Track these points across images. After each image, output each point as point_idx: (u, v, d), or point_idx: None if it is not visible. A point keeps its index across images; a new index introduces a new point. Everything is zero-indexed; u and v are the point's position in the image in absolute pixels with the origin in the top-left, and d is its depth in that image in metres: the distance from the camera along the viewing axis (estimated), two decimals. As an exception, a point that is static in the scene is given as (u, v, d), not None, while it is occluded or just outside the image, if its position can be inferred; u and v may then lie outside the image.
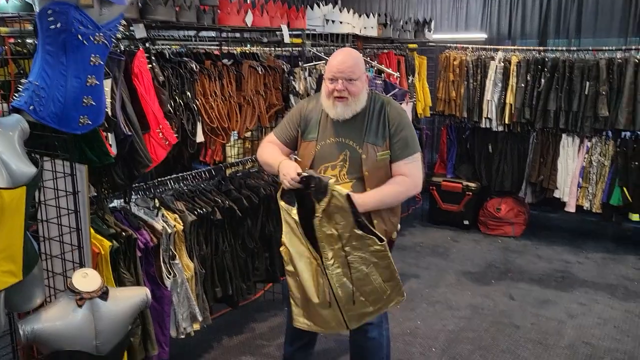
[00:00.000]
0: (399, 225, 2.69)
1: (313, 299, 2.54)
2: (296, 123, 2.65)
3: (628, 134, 5.03)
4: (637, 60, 4.78)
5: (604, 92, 4.90)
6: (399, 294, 2.55)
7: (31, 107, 1.96)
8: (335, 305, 2.52)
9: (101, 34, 2.02)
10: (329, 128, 2.56)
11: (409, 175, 2.51)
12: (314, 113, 2.61)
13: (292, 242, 2.56)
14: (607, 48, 5.10)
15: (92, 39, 1.99)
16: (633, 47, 5.12)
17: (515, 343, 3.58)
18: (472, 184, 5.72)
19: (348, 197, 2.38)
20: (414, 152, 2.52)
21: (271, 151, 2.67)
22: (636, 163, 4.91)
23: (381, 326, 2.74)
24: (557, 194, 5.30)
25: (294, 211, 2.49)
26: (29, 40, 2.42)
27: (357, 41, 4.93)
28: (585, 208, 5.20)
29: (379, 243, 2.42)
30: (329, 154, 2.54)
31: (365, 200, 2.44)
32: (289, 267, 2.60)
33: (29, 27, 2.31)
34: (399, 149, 2.50)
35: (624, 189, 4.95)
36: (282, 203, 2.53)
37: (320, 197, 2.38)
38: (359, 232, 2.41)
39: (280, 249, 2.63)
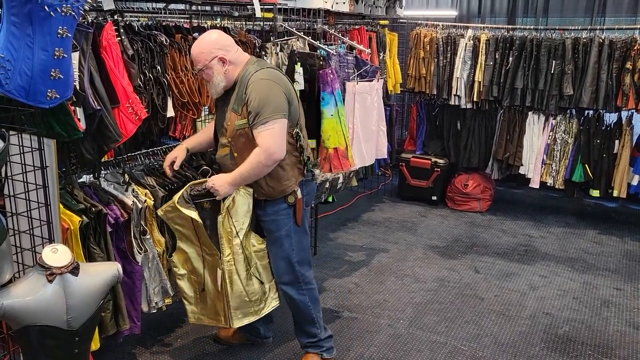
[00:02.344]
0: (296, 189, 2.79)
1: (212, 288, 2.87)
2: None
3: (591, 112, 5.18)
4: (601, 40, 4.90)
5: (569, 71, 5.02)
6: (274, 298, 2.97)
7: (-4, 80, 1.91)
8: (224, 298, 2.83)
9: (68, 5, 1.97)
10: (222, 97, 2.82)
11: (260, 145, 2.61)
12: None
13: (188, 245, 2.86)
14: (573, 27, 5.21)
15: (59, 10, 1.94)
16: (598, 27, 5.24)
17: (479, 314, 3.72)
18: (440, 161, 5.82)
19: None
20: (267, 119, 2.60)
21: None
22: (598, 141, 5.07)
23: (298, 285, 2.92)
24: (522, 171, 5.44)
25: (195, 213, 2.73)
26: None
27: (328, 16, 4.91)
28: (548, 184, 5.36)
29: (260, 241, 2.86)
30: (219, 121, 2.86)
31: (226, 179, 2.68)
32: (181, 271, 2.90)
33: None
34: (252, 118, 2.63)
35: (586, 166, 5.11)
36: (182, 209, 2.72)
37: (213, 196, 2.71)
38: (248, 229, 2.82)
39: (172, 257, 2.88)
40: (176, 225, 2.82)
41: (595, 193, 5.18)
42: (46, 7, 1.91)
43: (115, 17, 2.85)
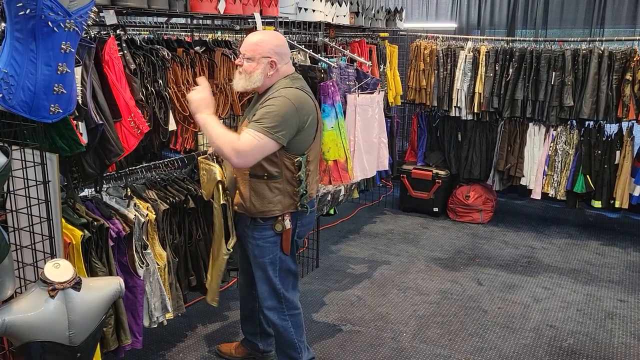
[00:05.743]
0: (285, 219, 2.69)
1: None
2: None
3: (591, 123, 5.19)
4: (600, 52, 4.92)
5: (569, 83, 5.03)
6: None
7: (0, 96, 1.91)
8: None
9: (72, 20, 1.98)
10: (249, 104, 2.80)
11: (240, 140, 2.48)
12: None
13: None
14: (572, 39, 5.23)
15: (62, 26, 1.95)
16: (597, 38, 5.26)
17: (483, 327, 3.69)
18: (441, 172, 5.81)
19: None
20: (259, 130, 2.48)
21: None
22: (599, 152, 5.07)
23: (281, 311, 2.85)
24: (523, 182, 5.44)
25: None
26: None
27: (329, 29, 4.93)
28: (550, 195, 5.35)
29: (226, 252, 2.87)
30: (239, 125, 2.84)
31: (201, 109, 2.58)
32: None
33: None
34: (250, 122, 2.54)
35: (587, 176, 5.11)
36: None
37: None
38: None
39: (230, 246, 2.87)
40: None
41: (597, 204, 5.17)
42: (50, 23, 1.91)
43: (118, 31, 2.86)
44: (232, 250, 2.89)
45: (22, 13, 1.88)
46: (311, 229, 3.07)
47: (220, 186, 2.78)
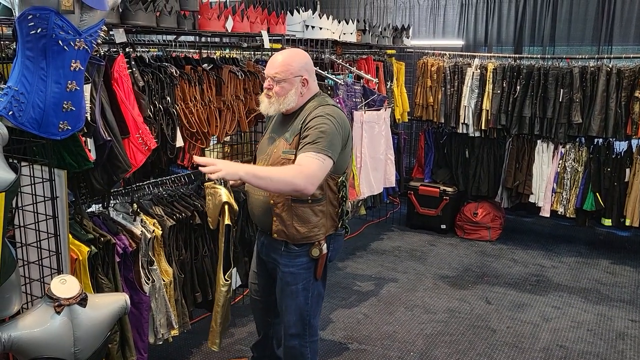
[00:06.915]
0: (322, 243, 2.59)
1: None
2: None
3: (600, 140, 5.16)
4: (609, 69, 4.91)
5: (577, 100, 5.02)
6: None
7: (10, 113, 1.94)
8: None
9: (82, 39, 2.01)
10: (273, 125, 2.69)
11: (302, 164, 2.36)
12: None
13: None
14: (580, 56, 5.23)
15: (72, 44, 1.98)
16: (605, 55, 5.26)
17: (491, 346, 3.64)
18: (449, 189, 5.79)
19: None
20: (320, 151, 2.38)
21: None
22: (608, 169, 5.04)
23: (303, 337, 2.74)
24: (532, 199, 5.40)
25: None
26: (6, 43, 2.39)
27: (336, 47, 4.97)
28: (559, 213, 5.31)
29: (224, 282, 2.70)
30: (263, 147, 2.69)
31: (239, 166, 2.36)
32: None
33: (8, 31, 2.29)
34: (304, 144, 2.41)
35: (597, 194, 5.07)
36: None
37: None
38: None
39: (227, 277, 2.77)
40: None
41: (607, 222, 5.12)
42: (60, 42, 1.94)
43: (127, 49, 2.89)
44: (230, 280, 2.80)
45: (33, 32, 1.91)
46: (340, 252, 2.93)
47: (226, 207, 2.65)
